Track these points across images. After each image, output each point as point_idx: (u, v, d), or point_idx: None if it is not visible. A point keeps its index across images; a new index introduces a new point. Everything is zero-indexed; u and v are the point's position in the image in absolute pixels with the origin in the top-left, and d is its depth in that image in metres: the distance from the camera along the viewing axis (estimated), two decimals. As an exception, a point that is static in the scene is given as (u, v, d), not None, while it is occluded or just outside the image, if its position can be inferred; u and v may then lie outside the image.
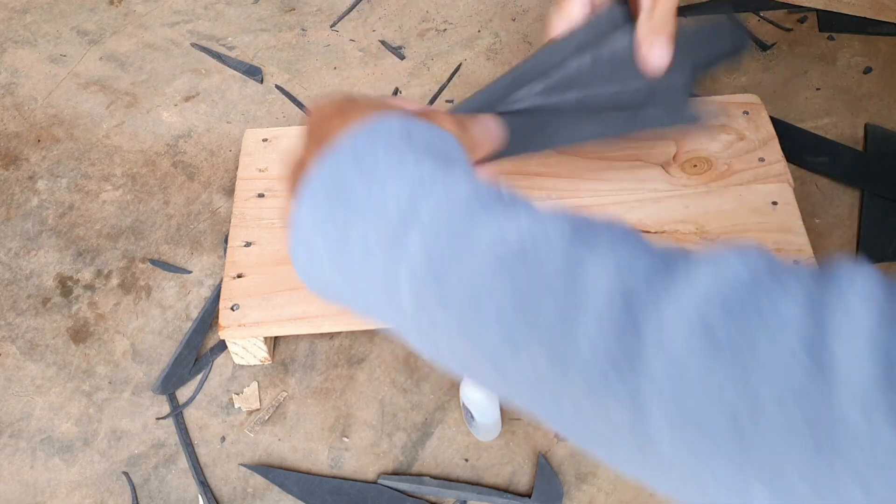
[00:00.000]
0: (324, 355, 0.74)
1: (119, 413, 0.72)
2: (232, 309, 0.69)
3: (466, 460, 0.68)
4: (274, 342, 0.75)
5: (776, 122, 0.82)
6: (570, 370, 0.32)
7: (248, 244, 0.73)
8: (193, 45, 1.01)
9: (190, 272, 0.80)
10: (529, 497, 0.65)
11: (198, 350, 0.75)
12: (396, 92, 0.94)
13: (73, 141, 0.92)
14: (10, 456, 0.71)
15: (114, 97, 0.96)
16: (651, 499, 0.65)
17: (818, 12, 0.96)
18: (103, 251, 0.83)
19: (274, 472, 0.68)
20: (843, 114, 0.87)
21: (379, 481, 0.67)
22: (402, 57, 0.97)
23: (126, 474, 0.69)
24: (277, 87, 0.95)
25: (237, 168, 0.81)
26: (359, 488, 0.67)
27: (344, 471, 0.68)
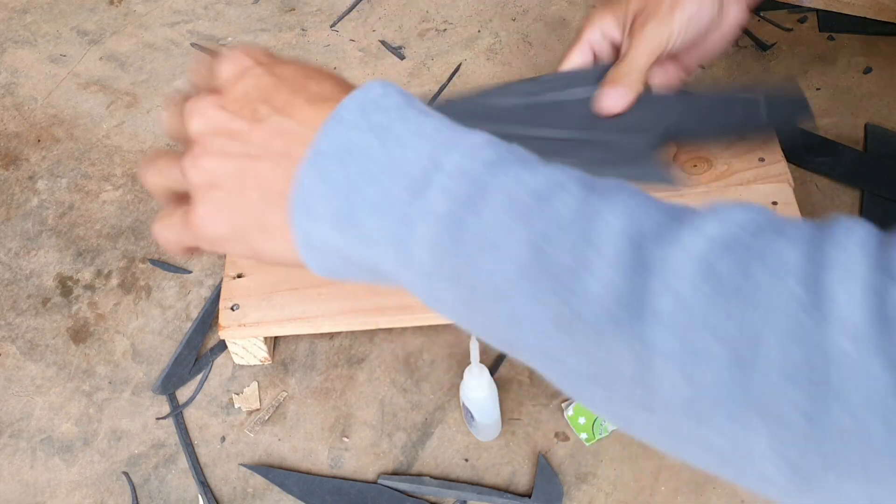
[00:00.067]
0: (324, 355, 0.74)
1: (119, 413, 0.72)
2: (232, 309, 0.69)
3: (466, 460, 0.68)
4: (274, 342, 0.75)
5: (776, 122, 0.82)
6: (581, 310, 0.33)
7: (248, 244, 0.73)
8: (193, 45, 1.01)
9: (190, 272, 0.80)
10: (529, 497, 0.65)
11: (198, 350, 0.75)
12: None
13: (73, 141, 0.92)
14: (10, 456, 0.71)
15: (114, 97, 0.96)
16: (651, 499, 0.65)
17: (818, 12, 0.96)
18: (103, 251, 0.83)
19: (274, 472, 0.68)
20: (843, 114, 0.87)
21: (379, 481, 0.67)
22: (402, 57, 0.97)
23: (126, 474, 0.69)
24: (277, 87, 0.95)
25: (237, 168, 0.81)
26: (359, 488, 0.67)
27: (344, 471, 0.68)
